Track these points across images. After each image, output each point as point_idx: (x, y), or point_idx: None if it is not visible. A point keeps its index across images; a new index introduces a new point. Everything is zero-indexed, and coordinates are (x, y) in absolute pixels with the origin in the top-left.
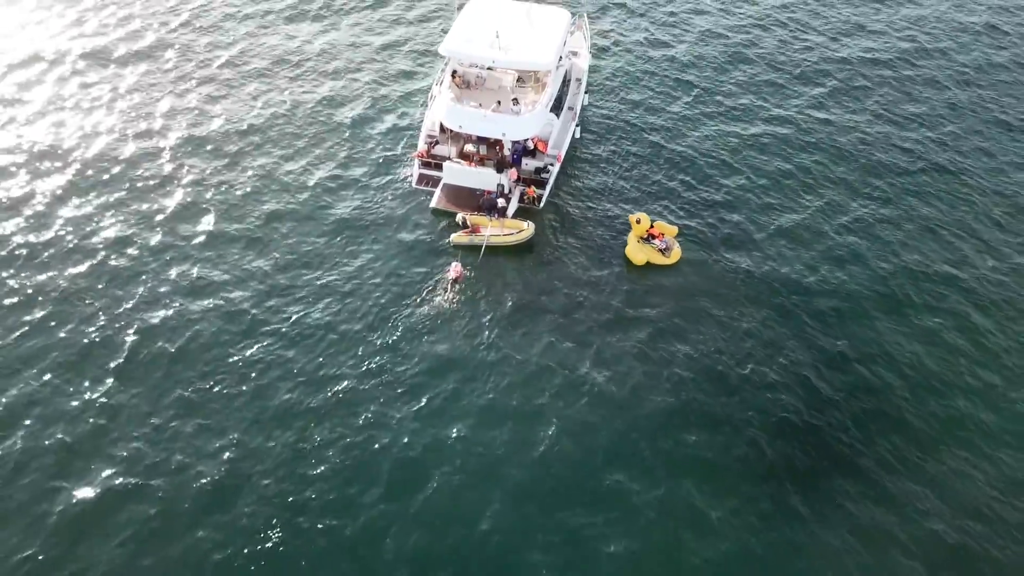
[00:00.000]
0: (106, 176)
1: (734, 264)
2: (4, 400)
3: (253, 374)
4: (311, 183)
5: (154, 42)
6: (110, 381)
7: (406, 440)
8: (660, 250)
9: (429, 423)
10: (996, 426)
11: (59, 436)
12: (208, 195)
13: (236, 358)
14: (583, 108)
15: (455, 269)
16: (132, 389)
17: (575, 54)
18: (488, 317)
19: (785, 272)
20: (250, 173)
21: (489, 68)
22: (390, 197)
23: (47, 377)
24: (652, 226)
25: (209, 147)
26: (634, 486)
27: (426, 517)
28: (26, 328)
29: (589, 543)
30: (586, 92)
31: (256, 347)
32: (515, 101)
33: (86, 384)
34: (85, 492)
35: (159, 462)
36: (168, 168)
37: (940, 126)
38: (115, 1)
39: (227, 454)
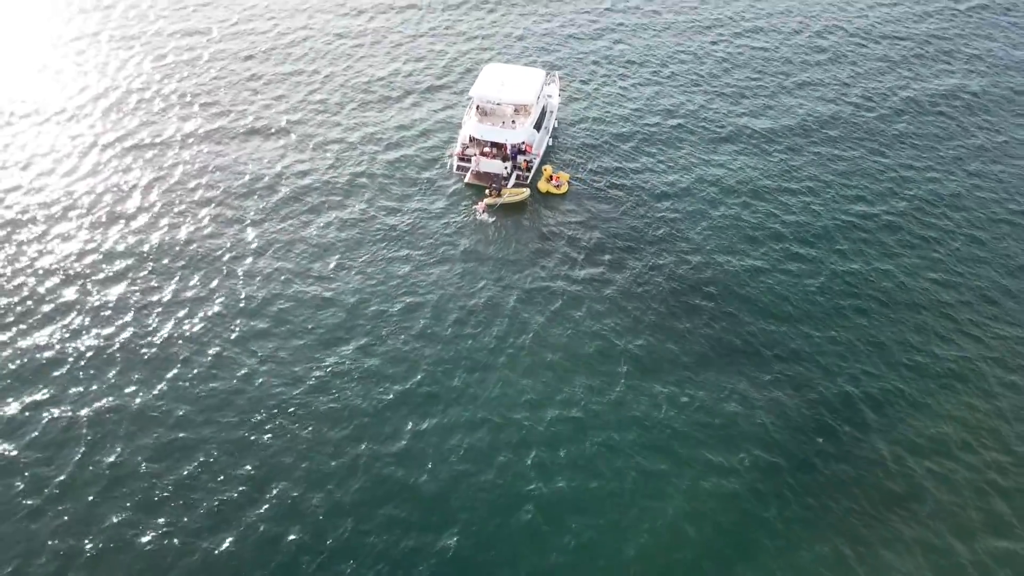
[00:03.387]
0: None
1: (605, 194)
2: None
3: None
4: (401, 166)
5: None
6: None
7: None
8: (555, 186)
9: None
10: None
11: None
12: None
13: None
14: (554, 127)
15: (481, 205)
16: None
17: (550, 96)
18: (498, 238)
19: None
20: (354, 167)
21: (497, 103)
22: (441, 177)
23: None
24: (554, 174)
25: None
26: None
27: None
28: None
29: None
30: (556, 119)
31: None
32: (513, 122)
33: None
34: None
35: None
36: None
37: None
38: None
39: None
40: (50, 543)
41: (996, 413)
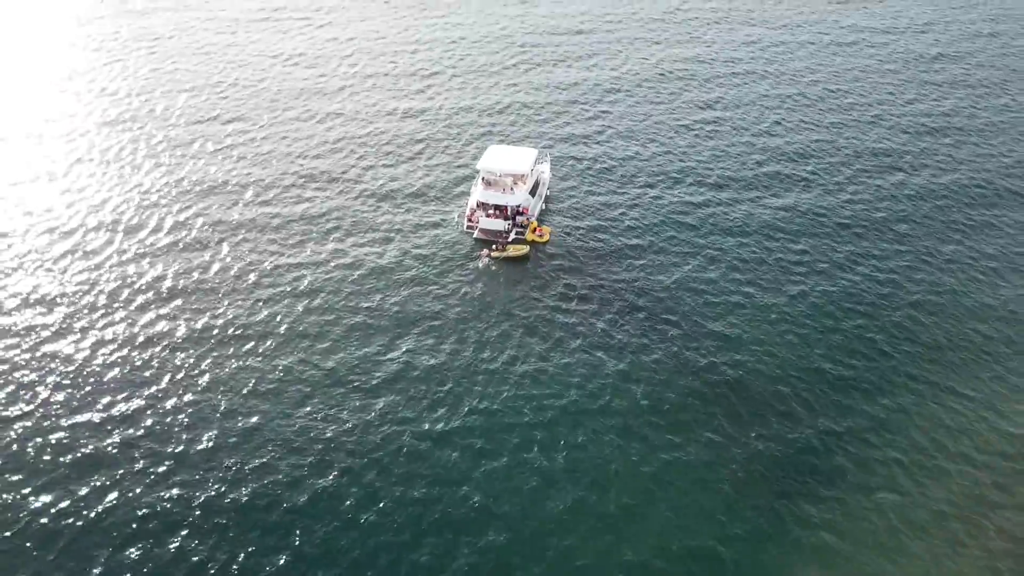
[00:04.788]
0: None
1: (587, 246)
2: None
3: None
4: (421, 228)
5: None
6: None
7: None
8: (539, 236)
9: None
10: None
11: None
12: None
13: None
14: (546, 194)
15: (485, 252)
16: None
17: (542, 171)
18: (499, 285)
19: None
20: (381, 229)
21: (499, 175)
22: (455, 233)
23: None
24: (538, 226)
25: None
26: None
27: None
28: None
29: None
30: (547, 188)
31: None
32: (512, 189)
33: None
34: None
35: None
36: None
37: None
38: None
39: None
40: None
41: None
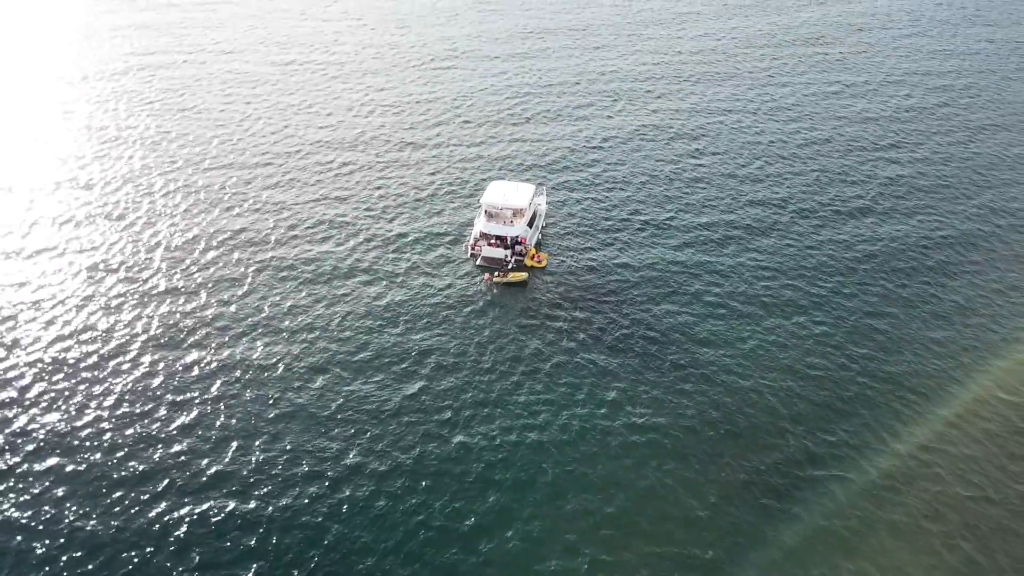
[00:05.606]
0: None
1: (577, 275)
2: None
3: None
4: (430, 261)
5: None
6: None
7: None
8: (537, 261)
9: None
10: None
11: None
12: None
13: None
14: (543, 226)
15: (487, 279)
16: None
17: (539, 204)
18: (501, 306)
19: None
20: (402, 263)
21: (500, 208)
22: (459, 261)
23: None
24: (536, 252)
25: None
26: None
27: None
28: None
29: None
30: (544, 220)
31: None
32: (512, 221)
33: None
34: None
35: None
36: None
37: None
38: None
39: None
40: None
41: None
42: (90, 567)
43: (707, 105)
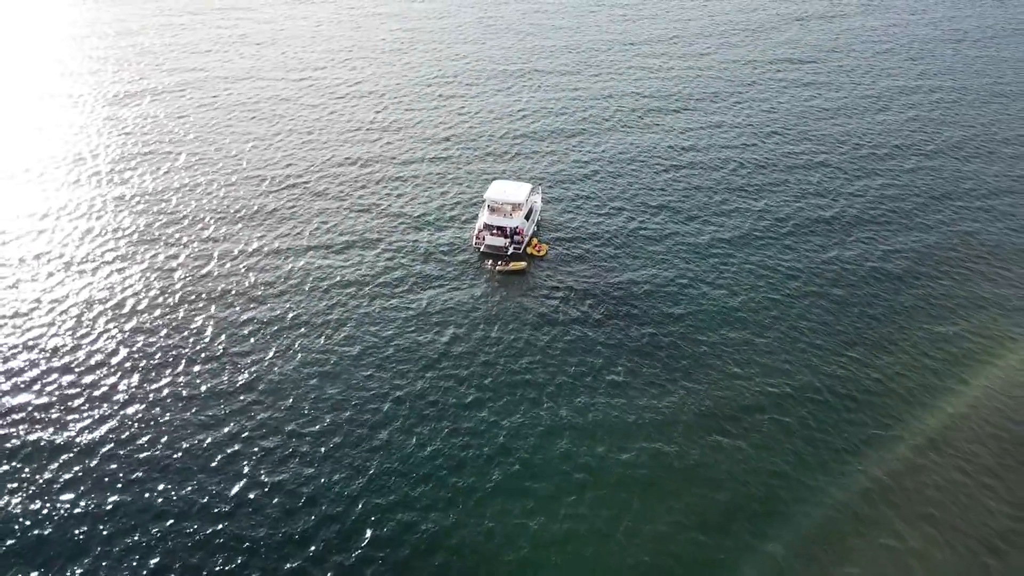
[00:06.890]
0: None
1: (574, 265)
2: None
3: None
4: (438, 245)
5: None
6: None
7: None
8: (536, 250)
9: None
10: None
11: None
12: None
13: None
14: (539, 220)
15: (489, 266)
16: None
17: (535, 201)
18: (502, 291)
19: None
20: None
21: (501, 203)
22: (463, 250)
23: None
24: (538, 242)
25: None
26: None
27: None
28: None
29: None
30: (539, 214)
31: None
32: (511, 215)
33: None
34: None
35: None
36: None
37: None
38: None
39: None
40: None
41: None
42: (156, 532)
43: (698, 120)
